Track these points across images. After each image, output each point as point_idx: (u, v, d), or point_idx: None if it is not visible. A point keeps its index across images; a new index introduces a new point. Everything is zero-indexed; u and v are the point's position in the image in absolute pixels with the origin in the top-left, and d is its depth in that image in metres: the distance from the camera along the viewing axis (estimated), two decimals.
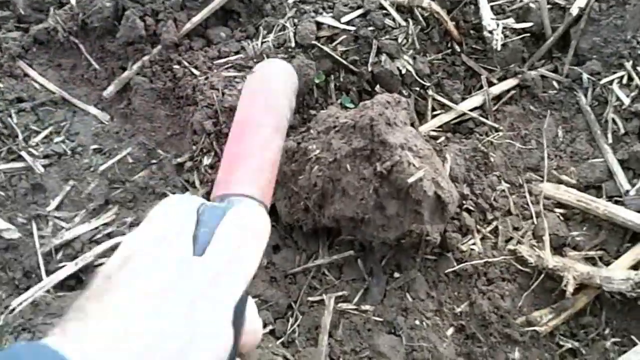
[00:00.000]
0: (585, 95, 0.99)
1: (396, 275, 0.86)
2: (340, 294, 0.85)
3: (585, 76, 0.99)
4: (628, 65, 0.98)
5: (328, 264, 0.88)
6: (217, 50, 1.02)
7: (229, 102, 0.92)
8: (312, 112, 0.96)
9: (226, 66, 0.98)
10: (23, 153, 0.99)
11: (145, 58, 1.04)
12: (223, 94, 0.94)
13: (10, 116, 1.02)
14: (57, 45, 1.09)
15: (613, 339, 0.81)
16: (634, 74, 0.97)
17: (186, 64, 1.02)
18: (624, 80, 0.97)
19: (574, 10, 1.01)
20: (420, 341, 0.80)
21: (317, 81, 0.95)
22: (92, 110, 1.04)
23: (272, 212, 0.85)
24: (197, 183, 0.94)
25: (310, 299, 0.85)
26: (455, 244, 0.86)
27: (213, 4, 1.04)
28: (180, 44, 1.04)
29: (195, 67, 1.01)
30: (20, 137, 1.01)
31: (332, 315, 0.82)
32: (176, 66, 1.02)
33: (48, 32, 1.08)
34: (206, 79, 0.98)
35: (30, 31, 1.08)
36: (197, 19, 1.04)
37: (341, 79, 0.97)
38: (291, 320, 0.84)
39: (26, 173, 0.98)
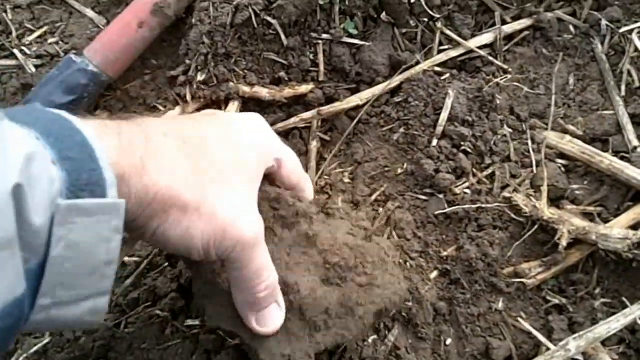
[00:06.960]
0: (602, 43, 0.80)
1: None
2: None
3: (603, 22, 0.80)
4: None
5: None
6: None
7: (222, 20, 0.75)
8: (314, 34, 0.79)
9: None
10: (15, 51, 0.83)
11: None
12: (216, 9, 0.77)
13: (5, 12, 0.85)
14: None
15: (602, 299, 0.66)
16: None
17: None
18: None
19: None
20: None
21: (321, 2, 0.77)
22: (89, 12, 0.87)
23: None
24: (188, 97, 0.78)
25: None
26: (448, 186, 0.70)
27: None
28: None
29: None
30: (14, 34, 0.84)
31: None
32: None
33: None
34: None
35: None
36: None
37: (347, 2, 0.78)
38: None
39: (17, 71, 0.83)
